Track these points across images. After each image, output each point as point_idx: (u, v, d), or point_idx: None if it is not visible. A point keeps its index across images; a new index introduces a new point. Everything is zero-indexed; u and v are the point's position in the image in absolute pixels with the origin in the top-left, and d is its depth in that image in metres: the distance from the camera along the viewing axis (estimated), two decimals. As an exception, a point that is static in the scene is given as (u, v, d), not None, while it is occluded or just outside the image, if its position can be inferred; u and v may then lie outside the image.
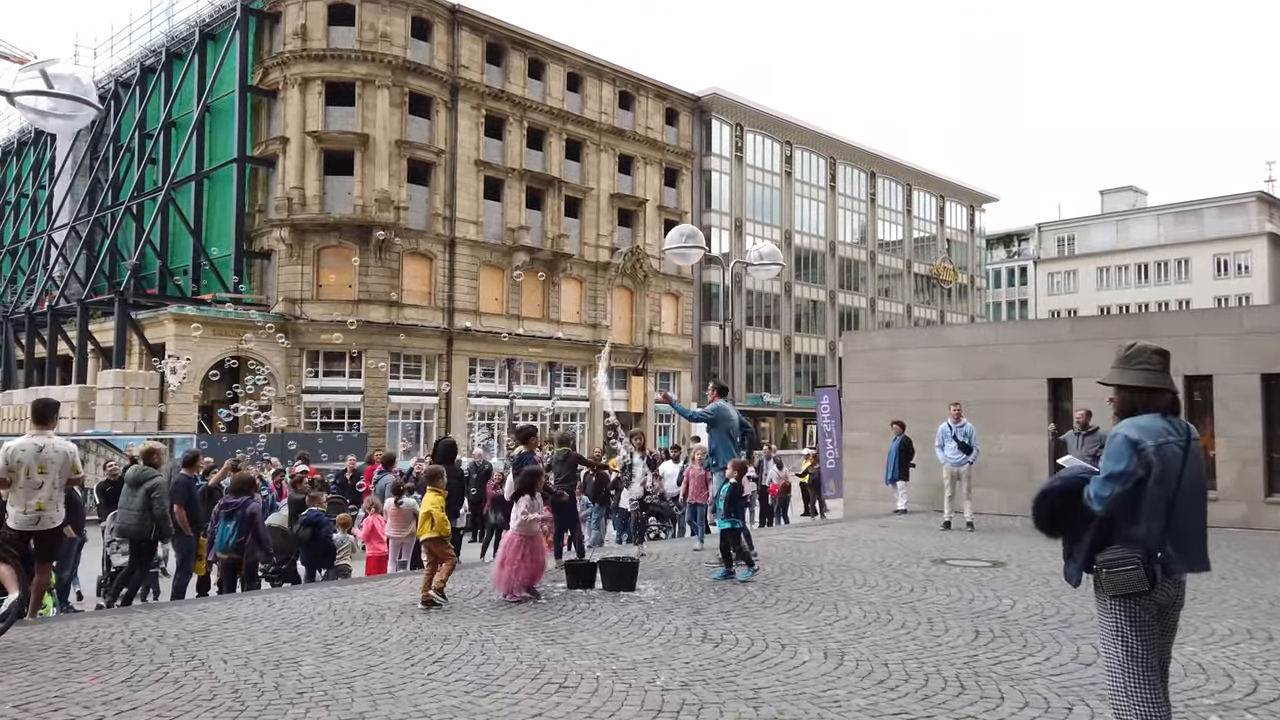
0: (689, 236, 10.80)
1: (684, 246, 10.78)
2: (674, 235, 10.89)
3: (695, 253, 10.93)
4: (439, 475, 8.29)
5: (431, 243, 39.75)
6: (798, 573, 9.18)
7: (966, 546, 11.25)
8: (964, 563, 9.89)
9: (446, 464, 10.03)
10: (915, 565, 9.67)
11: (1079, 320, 16.88)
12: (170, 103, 41.82)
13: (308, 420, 36.96)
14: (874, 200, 63.59)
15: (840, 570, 9.34)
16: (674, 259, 11.10)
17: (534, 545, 8.06)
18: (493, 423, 42.04)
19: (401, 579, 9.08)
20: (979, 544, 11.53)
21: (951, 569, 9.44)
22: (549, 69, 44.60)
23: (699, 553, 10.59)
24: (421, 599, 7.64)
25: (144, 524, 9.75)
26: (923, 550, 10.82)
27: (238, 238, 38.25)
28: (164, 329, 35.36)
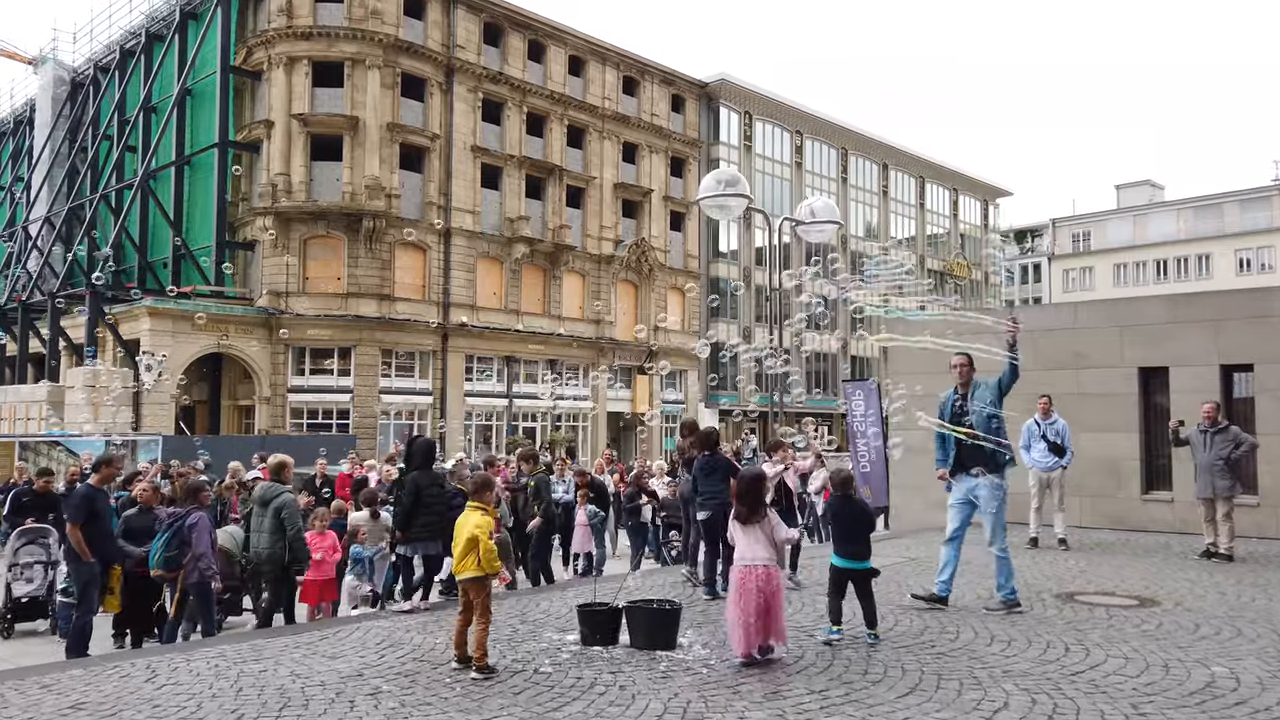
0: (729, 182, 8.48)
1: (722, 195, 8.48)
2: (709, 182, 8.58)
3: (736, 203, 8.64)
4: (489, 486, 6.00)
5: (425, 233, 37.45)
6: (890, 618, 6.88)
7: (1083, 573, 8.96)
8: (1101, 600, 7.59)
9: (426, 469, 7.76)
10: (1040, 605, 7.38)
11: (1178, 299, 14.57)
12: (149, 86, 39.53)
13: (294, 421, 34.67)
14: (886, 193, 61.36)
15: (949, 615, 7.04)
16: (710, 211, 8.76)
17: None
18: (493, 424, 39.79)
19: (352, 629, 6.76)
20: (1093, 568, 9.24)
21: (1094, 611, 7.14)
22: (550, 51, 42.32)
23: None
24: (456, 655, 5.60)
25: (276, 548, 8.58)
26: (1031, 580, 8.52)
27: (219, 227, 35.96)
28: (139, 324, 33.06)
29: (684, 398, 46.94)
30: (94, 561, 8.10)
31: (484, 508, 5.76)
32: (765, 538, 5.84)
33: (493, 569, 5.62)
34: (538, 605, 7.56)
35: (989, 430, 7.25)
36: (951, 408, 7.59)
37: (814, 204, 10.00)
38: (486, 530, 5.61)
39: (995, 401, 7.37)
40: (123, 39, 42.75)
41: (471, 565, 5.56)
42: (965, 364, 7.67)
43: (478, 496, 5.83)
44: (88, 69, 45.52)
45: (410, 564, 7.99)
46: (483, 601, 5.57)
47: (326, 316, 34.93)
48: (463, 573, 5.62)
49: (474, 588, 5.59)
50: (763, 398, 50.73)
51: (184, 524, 8.62)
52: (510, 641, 6.20)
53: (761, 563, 5.72)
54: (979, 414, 7.33)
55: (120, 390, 31.85)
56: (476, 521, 5.63)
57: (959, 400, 7.57)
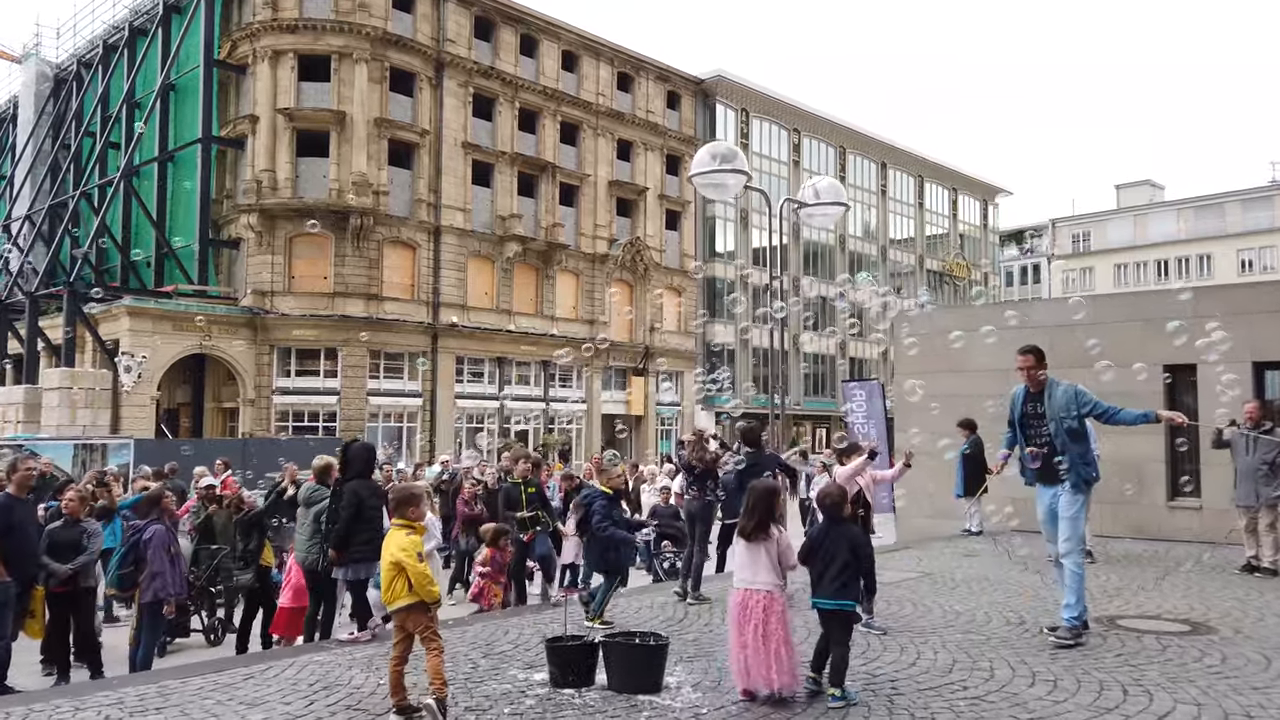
0: (725, 158, 7.58)
1: (718, 170, 7.57)
2: (703, 157, 7.66)
3: (734, 180, 7.75)
4: (413, 500, 5.07)
5: (415, 231, 36.54)
6: (912, 649, 5.98)
7: (1119, 592, 8.07)
8: (1148, 625, 6.69)
9: (365, 477, 6.84)
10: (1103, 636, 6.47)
11: (1208, 290, 13.68)
12: (131, 81, 38.58)
13: (279, 424, 33.72)
14: (885, 192, 60.55)
15: (976, 645, 6.14)
16: (706, 190, 7.87)
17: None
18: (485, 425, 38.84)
19: (286, 664, 5.83)
20: (1127, 585, 8.35)
21: (1142, 640, 6.25)
22: (542, 46, 41.44)
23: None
24: (395, 704, 4.65)
25: (311, 552, 7.71)
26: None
27: (202, 225, 35.01)
28: (119, 324, 32.09)
29: (680, 399, 46.05)
30: (9, 581, 7.19)
31: (410, 525, 4.88)
32: (770, 560, 5.07)
33: (430, 596, 4.73)
34: (505, 634, 6.66)
35: (1071, 444, 6.35)
36: (1022, 410, 6.66)
37: (818, 184, 9.09)
38: (413, 551, 4.73)
39: (1078, 415, 6.39)
40: (106, 33, 41.85)
41: (402, 592, 4.68)
42: (1031, 364, 6.64)
43: (401, 512, 4.93)
44: (71, 64, 44.59)
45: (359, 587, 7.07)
46: (427, 631, 4.69)
47: (312, 316, 34.00)
48: (393, 602, 4.74)
49: (410, 618, 4.72)
50: (759, 399, 49.92)
51: (140, 538, 7.76)
52: (467, 682, 5.30)
53: (763, 587, 5.00)
54: (1060, 423, 6.39)
55: (98, 391, 31.00)
56: (400, 543, 4.76)
57: (1031, 404, 6.62)
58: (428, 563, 4.87)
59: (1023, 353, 6.68)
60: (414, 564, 4.69)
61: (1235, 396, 11.21)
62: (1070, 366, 12.74)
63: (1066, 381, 6.65)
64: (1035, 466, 6.52)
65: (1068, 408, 6.39)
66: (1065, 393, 6.48)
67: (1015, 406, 6.72)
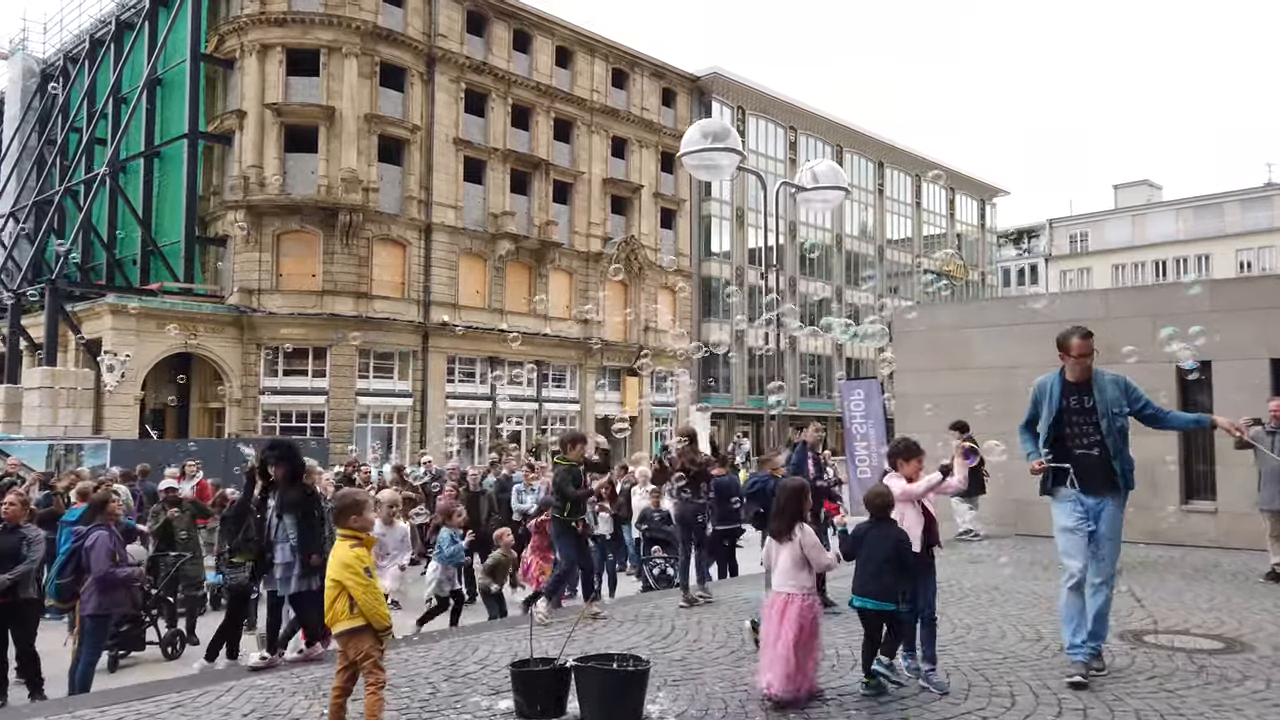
0: (717, 136, 6.97)
1: (709, 149, 6.99)
2: (693, 135, 7.08)
3: (727, 161, 7.16)
4: (357, 508, 4.48)
5: (405, 228, 35.94)
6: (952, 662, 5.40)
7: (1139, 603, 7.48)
8: (1178, 642, 6.12)
9: (295, 480, 6.23)
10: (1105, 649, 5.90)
11: (1223, 284, 13.15)
12: (117, 75, 37.95)
13: (266, 424, 33.07)
14: (882, 191, 60.09)
15: (993, 665, 5.57)
16: (697, 172, 7.29)
17: None
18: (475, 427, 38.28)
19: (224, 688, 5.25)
20: (1148, 596, 7.78)
21: (1174, 658, 5.68)
22: (536, 41, 40.87)
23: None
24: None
25: None
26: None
27: (188, 222, 34.37)
28: (101, 322, 31.45)
29: (675, 400, 45.46)
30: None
31: (356, 536, 4.29)
32: (794, 560, 5.01)
33: (377, 619, 4.15)
34: (474, 651, 6.09)
35: (1122, 445, 5.45)
36: (1061, 403, 5.52)
37: (816, 168, 8.51)
38: (358, 568, 4.15)
39: (1129, 412, 5.51)
40: (93, 28, 41.25)
41: (344, 614, 4.11)
42: (1091, 348, 5.56)
43: (343, 522, 4.35)
44: (58, 59, 43.96)
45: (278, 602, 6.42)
46: (369, 662, 4.11)
47: (301, 315, 33.39)
48: (335, 623, 4.17)
49: (352, 642, 4.15)
50: (754, 399, 49.35)
51: (82, 545, 7.17)
52: (423, 711, 4.73)
53: (786, 589, 4.97)
54: (1112, 420, 5.39)
55: (80, 390, 30.36)
56: (343, 558, 4.17)
57: (1075, 396, 5.51)
58: (379, 580, 4.27)
59: (1084, 336, 5.55)
60: (358, 582, 4.12)
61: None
62: (1079, 364, 12.27)
63: (1111, 371, 5.67)
64: (1068, 473, 5.40)
65: (1119, 401, 5.41)
66: (1116, 384, 5.50)
67: (1050, 399, 5.56)
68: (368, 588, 4.17)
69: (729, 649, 6.14)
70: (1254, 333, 11.33)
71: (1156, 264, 72.41)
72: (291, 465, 6.23)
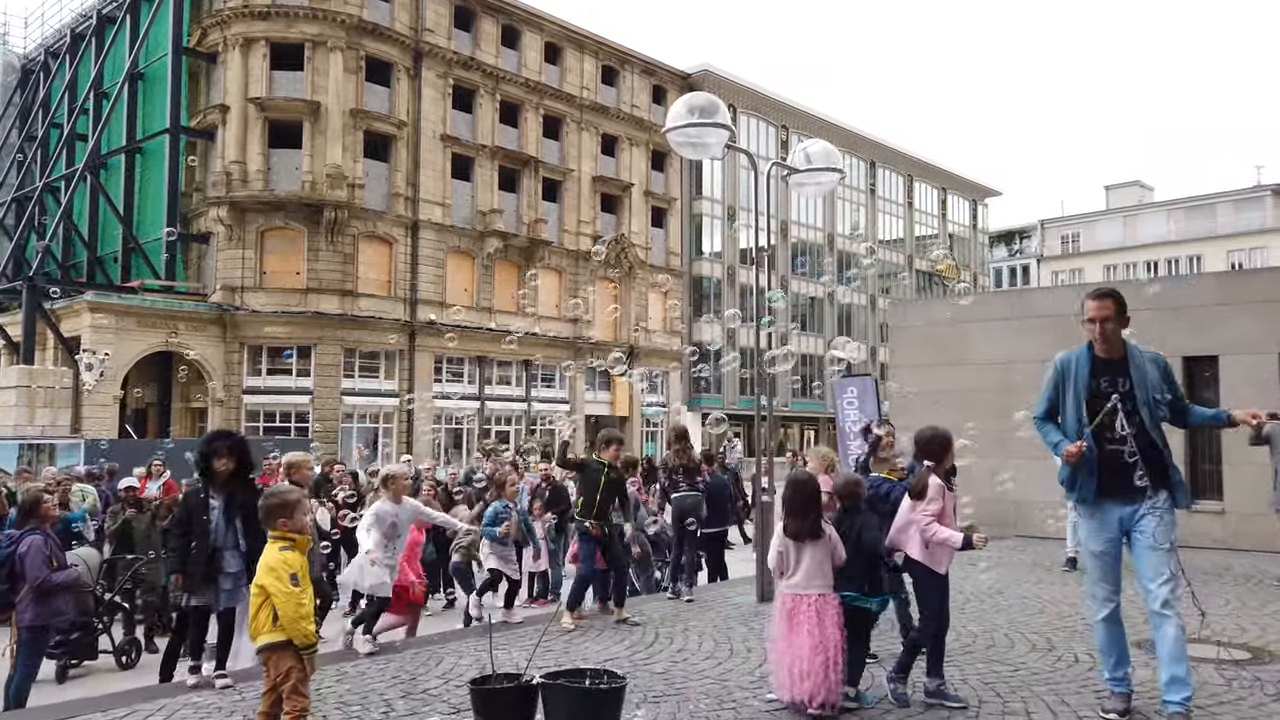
0: (704, 111, 6.52)
1: (695, 124, 6.53)
2: (679, 110, 6.63)
3: (715, 138, 6.71)
4: (286, 509, 4.00)
5: (391, 225, 35.41)
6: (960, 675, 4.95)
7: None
8: (1199, 651, 5.67)
9: (245, 477, 5.72)
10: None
11: (1230, 276, 12.78)
12: (99, 69, 37.32)
13: (249, 424, 32.48)
14: (874, 191, 59.75)
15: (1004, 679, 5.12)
16: (682, 150, 6.85)
17: None
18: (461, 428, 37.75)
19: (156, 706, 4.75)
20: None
21: (1199, 671, 5.22)
22: (525, 37, 40.38)
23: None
24: None
25: None
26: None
27: (169, 218, 33.76)
28: (80, 320, 30.83)
29: (665, 400, 45.01)
30: None
31: (289, 538, 3.81)
32: (819, 561, 4.74)
33: (299, 635, 3.67)
34: (438, 664, 5.60)
35: (1161, 435, 4.41)
36: (1091, 385, 4.47)
37: (809, 149, 8.06)
38: (284, 573, 3.67)
39: (1166, 400, 4.48)
40: (74, 22, 40.61)
41: (267, 626, 3.64)
42: (1110, 314, 4.45)
43: (271, 523, 3.87)
44: (39, 54, 43.30)
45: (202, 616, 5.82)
46: (289, 684, 3.62)
47: (285, 313, 32.84)
48: (256, 637, 3.69)
49: (273, 660, 3.66)
50: (746, 400, 48.90)
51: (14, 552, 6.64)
52: (374, 733, 4.25)
53: (816, 590, 4.69)
54: (1153, 408, 4.38)
55: (58, 389, 29.74)
56: (269, 561, 3.70)
57: (1105, 377, 4.45)
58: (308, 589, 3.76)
59: (1097, 297, 4.50)
60: (281, 589, 3.63)
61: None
62: (1081, 359, 11.87)
63: (1148, 348, 4.61)
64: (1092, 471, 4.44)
65: (1161, 386, 4.41)
66: (1157, 364, 4.48)
67: (1076, 378, 4.49)
68: (291, 597, 3.69)
69: (715, 660, 5.67)
70: (1263, 326, 10.93)
71: (1148, 265, 72.35)
72: (241, 459, 5.72)
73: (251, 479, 5.80)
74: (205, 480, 5.67)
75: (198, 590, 5.56)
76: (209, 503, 5.56)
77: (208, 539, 5.53)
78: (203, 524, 5.51)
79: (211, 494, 5.60)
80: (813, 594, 4.63)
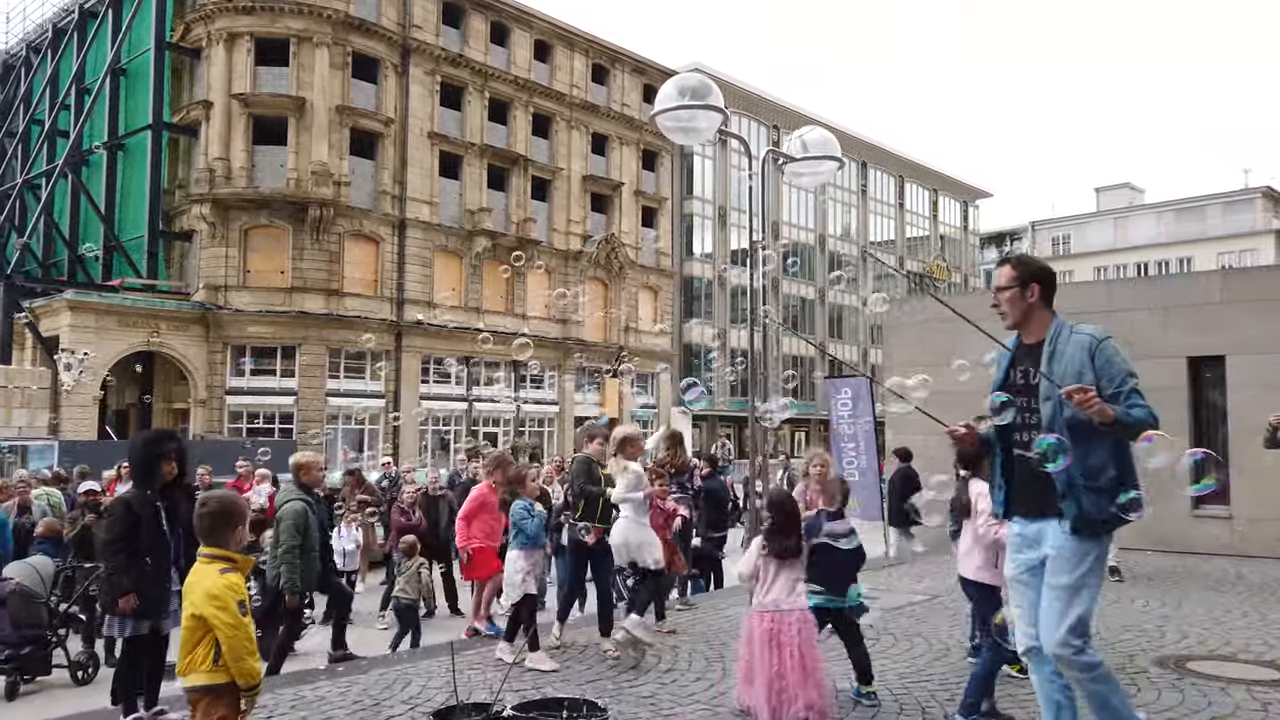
0: (696, 92, 6.15)
1: (686, 106, 6.16)
2: (669, 91, 6.26)
3: (707, 122, 6.34)
4: (228, 519, 3.46)
5: (378, 224, 34.90)
6: (937, 707, 4.55)
7: (1166, 619, 6.69)
8: (1227, 670, 5.29)
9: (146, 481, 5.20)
10: (1145, 680, 5.07)
11: (1237, 273, 12.45)
12: (80, 64, 36.71)
13: (232, 425, 31.96)
14: (865, 192, 59.53)
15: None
16: (672, 134, 6.46)
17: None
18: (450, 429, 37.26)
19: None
20: (1175, 613, 6.97)
21: (1229, 693, 4.84)
22: (514, 34, 39.92)
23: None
24: None
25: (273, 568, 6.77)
26: (1108, 633, 6.20)
27: (152, 215, 33.21)
28: (59, 319, 30.25)
29: (656, 401, 44.62)
30: None
31: (229, 559, 3.34)
32: (797, 575, 4.64)
33: (244, 675, 3.21)
34: (404, 687, 5.18)
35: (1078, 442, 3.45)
36: (1007, 375, 3.82)
37: (806, 136, 7.69)
38: (230, 599, 3.20)
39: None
40: (56, 16, 39.98)
41: (204, 663, 3.17)
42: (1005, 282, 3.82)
43: (216, 538, 3.38)
44: (20, 50, 42.64)
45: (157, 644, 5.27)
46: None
47: (269, 312, 32.30)
48: (188, 675, 3.23)
49: (204, 704, 3.18)
50: (738, 402, 48.54)
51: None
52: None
53: (797, 608, 4.55)
54: (1060, 403, 3.49)
55: (36, 390, 29.12)
56: (210, 587, 3.22)
57: (1024, 367, 3.75)
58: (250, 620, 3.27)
59: (1010, 264, 3.88)
60: (227, 620, 3.16)
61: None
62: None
63: (1091, 327, 3.73)
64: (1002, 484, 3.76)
65: (1082, 374, 3.53)
66: (1083, 346, 3.62)
67: (999, 368, 3.91)
68: (240, 630, 3.19)
69: (707, 681, 5.26)
70: (1271, 325, 10.58)
71: (1139, 266, 72.37)
72: (183, 463, 5.26)
73: (191, 485, 5.33)
74: (148, 486, 5.20)
75: (152, 614, 5.05)
76: (159, 511, 5.10)
77: (167, 554, 5.08)
78: (158, 536, 5.05)
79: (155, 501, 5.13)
80: (795, 613, 4.49)
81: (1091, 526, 3.47)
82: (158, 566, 4.98)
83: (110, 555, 5.08)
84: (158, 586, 4.97)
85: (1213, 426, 11.04)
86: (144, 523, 5.07)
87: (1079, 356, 3.59)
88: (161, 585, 5.01)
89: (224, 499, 3.53)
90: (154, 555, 4.99)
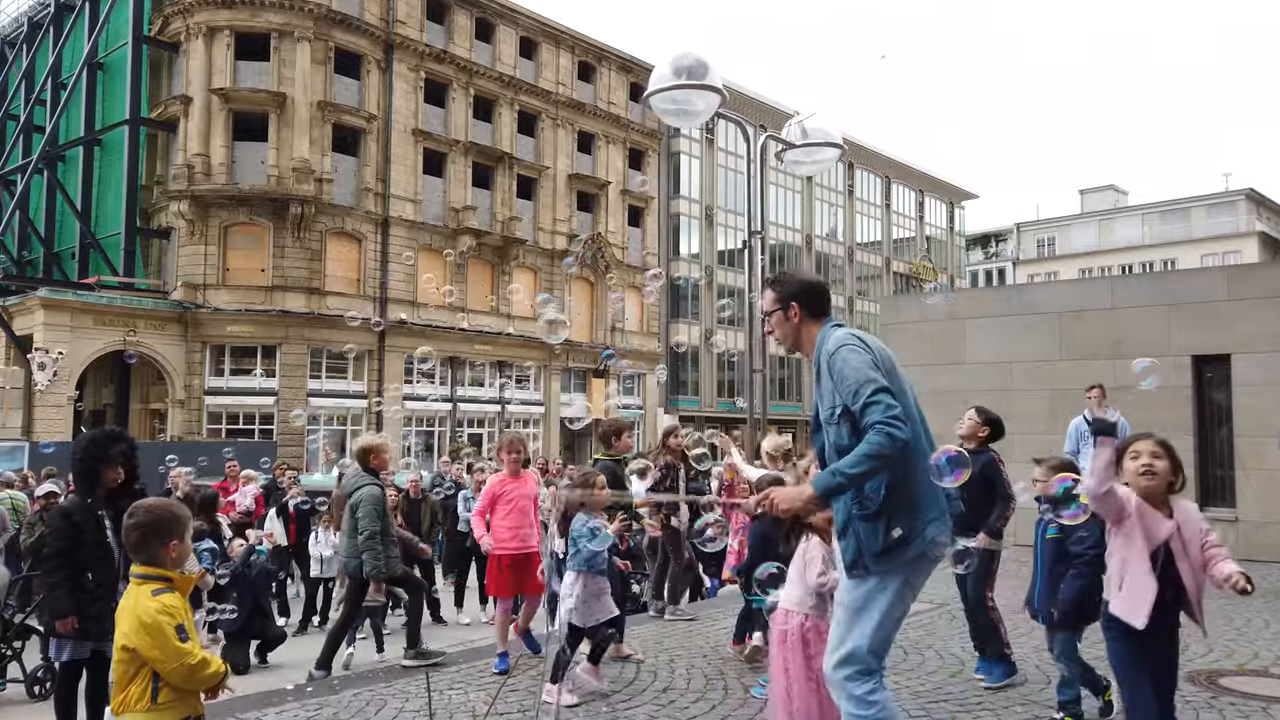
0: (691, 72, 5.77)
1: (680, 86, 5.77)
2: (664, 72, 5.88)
3: (704, 104, 5.94)
4: (168, 529, 3.01)
5: (360, 221, 34.37)
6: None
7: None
8: (1261, 687, 4.96)
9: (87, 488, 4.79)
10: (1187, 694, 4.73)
11: (1242, 270, 12.19)
12: (56, 59, 35.99)
13: (211, 426, 31.37)
14: (852, 192, 59.39)
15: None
16: (666, 116, 6.09)
17: None
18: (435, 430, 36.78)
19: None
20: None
21: (1270, 715, 4.50)
22: (499, 31, 39.46)
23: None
24: None
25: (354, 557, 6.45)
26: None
27: (129, 212, 32.56)
28: (33, 318, 29.59)
29: (642, 402, 44.24)
30: None
31: (164, 577, 2.92)
32: (801, 569, 4.21)
33: (204, 683, 2.80)
34: (379, 709, 4.76)
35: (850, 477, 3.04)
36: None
37: (806, 123, 7.34)
38: (167, 625, 2.77)
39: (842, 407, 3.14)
40: (32, 9, 39.21)
41: (141, 702, 2.76)
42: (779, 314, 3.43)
43: (151, 552, 2.94)
44: (-5, 45, 41.83)
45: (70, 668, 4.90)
46: None
47: (248, 311, 31.72)
48: (122, 715, 2.81)
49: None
50: (725, 403, 48.24)
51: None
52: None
53: (797, 606, 4.15)
54: (829, 424, 3.22)
55: (9, 390, 28.51)
56: (142, 614, 2.78)
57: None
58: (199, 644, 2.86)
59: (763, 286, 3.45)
60: (167, 649, 2.74)
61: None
62: (1087, 358, 11.19)
63: (835, 334, 3.28)
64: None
65: (834, 393, 3.17)
66: (826, 361, 3.21)
67: None
68: (181, 660, 2.77)
69: (709, 701, 4.88)
70: (1277, 323, 10.31)
71: (1123, 268, 72.60)
72: (132, 468, 4.84)
73: (143, 492, 4.88)
74: (89, 494, 4.76)
75: (94, 636, 4.60)
76: (103, 521, 4.66)
77: (112, 569, 4.65)
78: (102, 549, 4.62)
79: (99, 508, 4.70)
80: (802, 614, 4.10)
81: (867, 564, 3.15)
82: (100, 584, 4.55)
83: (48, 571, 4.64)
84: (100, 605, 4.53)
85: (1218, 425, 10.76)
86: (85, 535, 4.63)
87: (825, 372, 3.21)
88: (105, 604, 4.51)
89: (154, 508, 3.06)
90: (96, 570, 4.55)
